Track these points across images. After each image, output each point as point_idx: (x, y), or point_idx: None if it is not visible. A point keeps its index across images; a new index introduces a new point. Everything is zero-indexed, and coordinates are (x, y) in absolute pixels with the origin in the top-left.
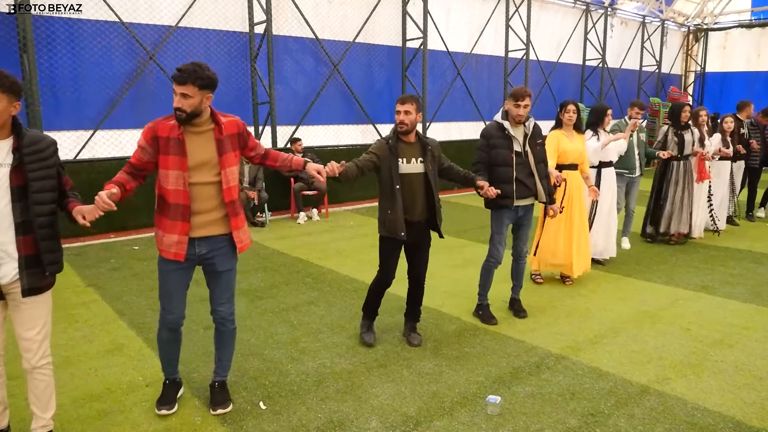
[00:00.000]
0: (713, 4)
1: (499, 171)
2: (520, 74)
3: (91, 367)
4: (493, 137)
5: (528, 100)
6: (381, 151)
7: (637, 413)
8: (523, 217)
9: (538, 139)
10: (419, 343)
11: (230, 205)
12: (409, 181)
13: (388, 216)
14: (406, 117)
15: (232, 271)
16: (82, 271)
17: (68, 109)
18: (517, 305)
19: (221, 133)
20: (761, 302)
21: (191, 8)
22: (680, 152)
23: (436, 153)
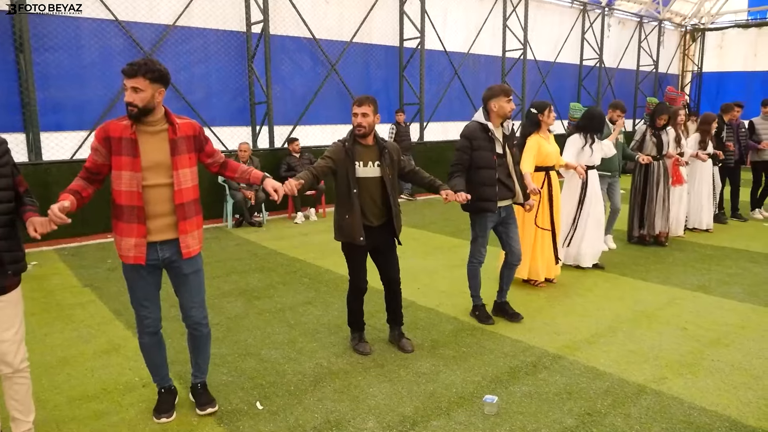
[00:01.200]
0: (710, 4)
1: (483, 173)
2: (517, 74)
3: (88, 367)
4: (476, 138)
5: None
6: (337, 155)
7: (634, 413)
8: (507, 216)
9: (513, 140)
10: (412, 348)
11: (179, 208)
12: (367, 185)
13: (346, 221)
14: (364, 119)
15: (199, 273)
16: (79, 271)
17: (66, 109)
18: (509, 308)
19: (175, 133)
20: (757, 302)
21: (189, 7)
22: (659, 152)
23: (395, 157)
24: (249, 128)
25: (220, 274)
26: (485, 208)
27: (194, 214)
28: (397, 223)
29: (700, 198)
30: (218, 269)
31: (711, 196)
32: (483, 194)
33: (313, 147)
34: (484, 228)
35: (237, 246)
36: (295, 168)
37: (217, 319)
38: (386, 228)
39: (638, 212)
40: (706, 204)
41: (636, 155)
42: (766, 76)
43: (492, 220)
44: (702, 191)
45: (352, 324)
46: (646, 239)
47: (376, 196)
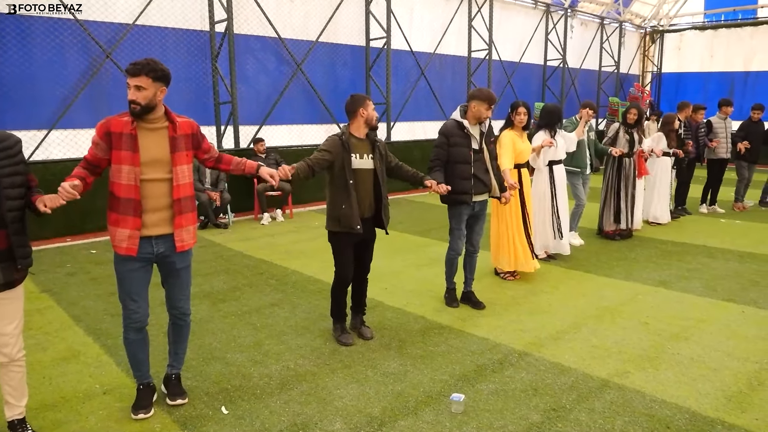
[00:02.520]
0: (668, 7)
1: (458, 168)
2: (483, 74)
3: (45, 375)
4: (453, 135)
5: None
6: (334, 147)
7: (598, 407)
8: (479, 211)
9: (491, 137)
10: (371, 335)
11: (176, 202)
12: (361, 176)
13: (343, 211)
14: (375, 113)
15: (189, 268)
16: (36, 276)
17: (20, 109)
18: (473, 296)
19: (175, 131)
20: (716, 296)
21: (148, 6)
22: (631, 149)
23: (383, 151)
24: (213, 128)
25: None
26: (461, 201)
27: (190, 209)
28: (385, 214)
29: (656, 192)
30: None
31: (667, 192)
32: (459, 187)
33: (280, 147)
34: (459, 220)
35: (202, 248)
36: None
37: None
38: (374, 219)
39: (614, 208)
40: (663, 199)
41: (608, 149)
42: (721, 76)
43: (467, 212)
44: (658, 186)
45: (336, 315)
46: (614, 234)
47: (368, 188)
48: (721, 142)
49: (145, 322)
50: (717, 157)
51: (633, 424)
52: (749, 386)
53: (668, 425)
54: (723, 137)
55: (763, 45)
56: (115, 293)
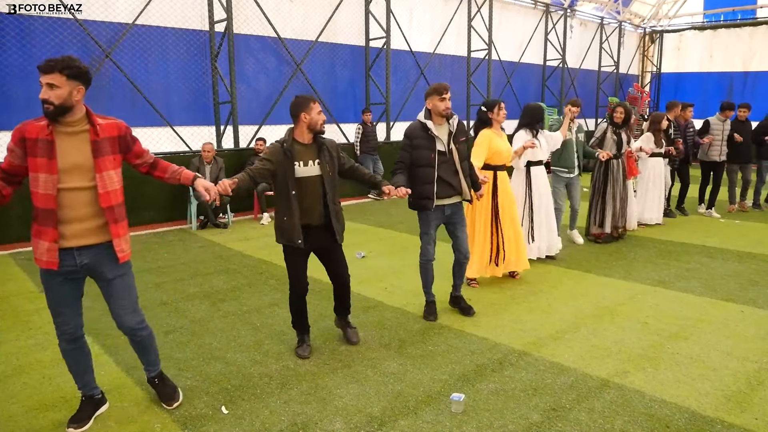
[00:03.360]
0: (667, 7)
1: (421, 171)
2: (482, 74)
3: (45, 375)
4: (416, 137)
5: (448, 94)
6: (275, 156)
7: (597, 407)
8: (453, 215)
9: (461, 136)
10: (358, 340)
11: (109, 211)
12: (306, 184)
13: (285, 223)
14: (321, 116)
15: (125, 276)
16: (36, 276)
17: (19, 109)
18: (462, 302)
19: (97, 134)
20: (714, 295)
21: (148, 6)
22: (618, 150)
23: (334, 153)
24: (213, 128)
25: (184, 276)
26: (422, 206)
27: (124, 217)
28: (336, 223)
29: (649, 194)
30: (182, 272)
31: (661, 194)
32: (421, 192)
33: None
34: (427, 225)
35: (201, 248)
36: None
37: (181, 322)
38: (327, 228)
39: (600, 209)
40: (656, 200)
41: (596, 152)
42: (720, 76)
43: (435, 217)
44: (651, 188)
45: (295, 326)
46: (600, 237)
47: (317, 196)
48: (715, 144)
49: (77, 333)
50: (709, 159)
51: (633, 424)
52: (748, 386)
53: (668, 425)
54: (719, 140)
55: (762, 45)
56: None
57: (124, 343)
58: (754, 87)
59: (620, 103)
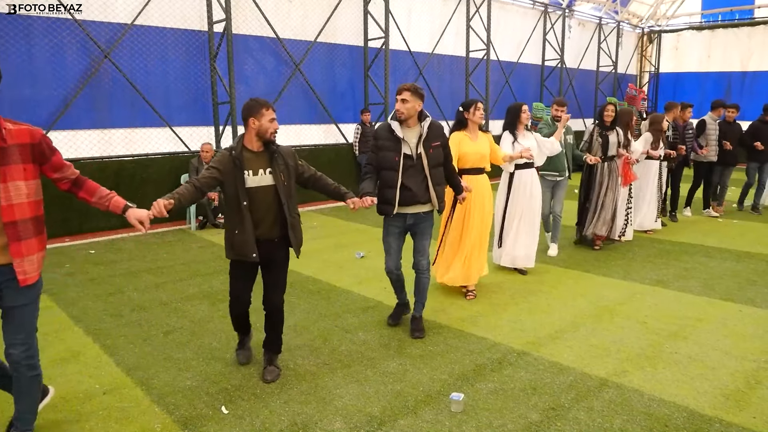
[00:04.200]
0: (666, 7)
1: (385, 175)
2: (481, 74)
3: (45, 375)
4: (381, 138)
5: (408, 95)
6: (223, 164)
7: (596, 406)
8: (415, 225)
9: (434, 140)
10: (273, 378)
11: (9, 226)
12: (259, 195)
13: (236, 237)
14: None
15: (27, 307)
16: None
17: (19, 109)
18: (415, 323)
19: (5, 140)
20: (713, 295)
21: (147, 6)
22: (604, 153)
23: (291, 162)
24: (212, 128)
25: (183, 277)
26: (382, 211)
27: (33, 234)
28: (294, 235)
29: (644, 200)
30: (182, 272)
31: (655, 199)
32: (383, 197)
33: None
34: (386, 232)
35: (200, 248)
36: None
37: (181, 322)
38: (282, 242)
39: (586, 214)
40: (650, 206)
41: (584, 156)
42: (718, 76)
43: (396, 225)
44: (646, 192)
45: (237, 329)
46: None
47: (271, 207)
48: (711, 144)
49: None
50: (706, 159)
51: (631, 423)
52: (747, 385)
53: (666, 424)
54: (713, 139)
55: (760, 45)
56: (115, 293)
57: (125, 343)
58: (752, 87)
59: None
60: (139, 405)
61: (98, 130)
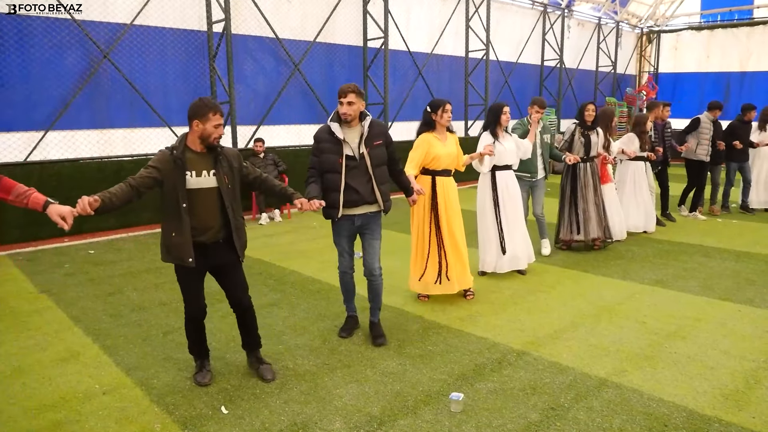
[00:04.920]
0: (665, 7)
1: (328, 178)
2: (480, 74)
3: (45, 375)
4: (322, 141)
5: (353, 96)
6: (163, 164)
7: (596, 406)
8: (363, 227)
9: (376, 139)
10: (273, 377)
11: None
12: (200, 197)
13: (173, 240)
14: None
15: None
16: (35, 277)
17: (18, 109)
18: (375, 329)
19: None
20: (712, 295)
21: (146, 6)
22: (587, 153)
23: (235, 163)
24: None
25: None
26: (328, 215)
27: None
28: (238, 238)
29: (632, 201)
30: None
31: (646, 199)
32: (327, 200)
33: (277, 147)
34: (337, 235)
35: None
36: (259, 168)
37: (180, 323)
38: (228, 245)
39: (568, 216)
40: (641, 207)
41: (563, 155)
42: (717, 76)
43: (345, 228)
44: (636, 193)
45: (192, 351)
46: (571, 244)
47: (213, 210)
48: (703, 143)
49: None
50: (697, 158)
51: (631, 423)
52: (746, 384)
53: (666, 423)
54: (707, 139)
55: (759, 45)
56: (114, 293)
57: (124, 343)
58: (751, 87)
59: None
60: (138, 405)
61: (97, 131)
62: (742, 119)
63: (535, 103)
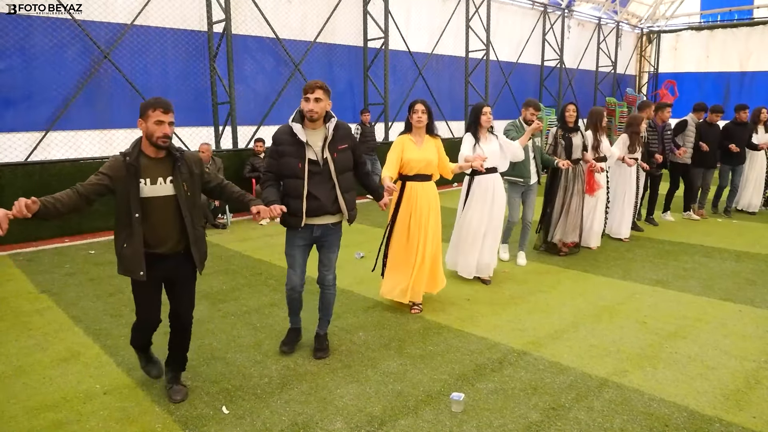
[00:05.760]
0: (665, 7)
1: (289, 184)
2: (480, 74)
3: (46, 375)
4: (282, 143)
5: (321, 93)
6: (115, 171)
7: (597, 406)
8: (322, 238)
9: (341, 143)
10: (182, 398)
11: None
12: (156, 206)
13: (124, 251)
14: (171, 129)
15: None
16: (35, 277)
17: (18, 109)
18: (319, 342)
19: None
20: (712, 295)
21: (147, 6)
22: (568, 156)
23: (196, 169)
24: (212, 128)
25: None
26: (288, 224)
27: None
28: (197, 250)
29: (621, 205)
30: None
31: (632, 204)
32: (288, 207)
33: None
34: (290, 245)
35: None
36: (259, 169)
37: None
38: (186, 256)
39: (552, 221)
40: (626, 212)
41: (553, 160)
42: (717, 76)
43: (302, 237)
44: (626, 198)
45: (135, 346)
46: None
47: (170, 219)
48: (688, 146)
49: None
50: (681, 161)
51: (631, 423)
52: (747, 385)
53: (666, 423)
54: (690, 141)
55: (759, 45)
56: (115, 293)
57: (125, 343)
58: (751, 87)
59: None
60: (139, 405)
61: (98, 131)
62: (737, 121)
63: (530, 105)
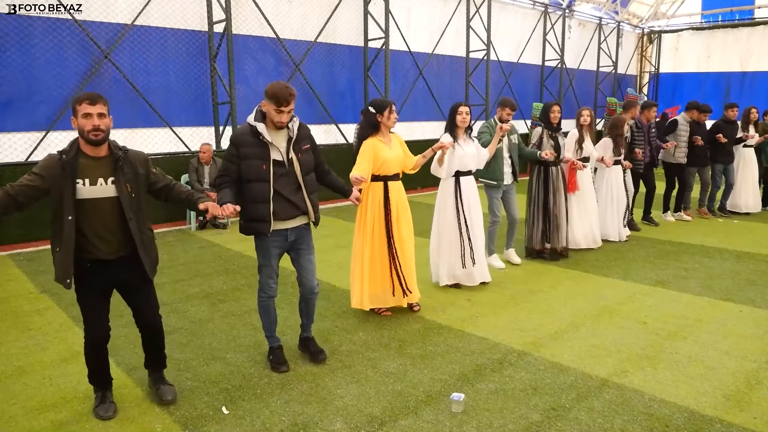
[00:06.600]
0: (666, 7)
1: (253, 188)
2: (481, 74)
3: (46, 376)
4: (244, 145)
5: (293, 101)
6: (48, 170)
7: (597, 406)
8: (297, 241)
9: (304, 143)
10: (173, 397)
11: None
12: (95, 208)
13: (56, 256)
14: (101, 121)
15: None
16: (35, 277)
17: (19, 110)
18: (312, 345)
19: None
20: (713, 295)
21: (147, 6)
22: (557, 156)
23: (141, 169)
24: (212, 129)
25: (184, 277)
26: (256, 230)
27: None
28: (145, 254)
29: (607, 207)
30: (182, 272)
31: (620, 205)
32: (254, 213)
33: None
34: (265, 254)
35: (201, 248)
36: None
37: (181, 323)
38: (135, 261)
39: (540, 224)
40: (615, 214)
41: (536, 152)
42: (717, 77)
43: (276, 245)
44: (610, 200)
45: (92, 381)
46: (544, 254)
47: (110, 223)
48: (682, 145)
49: None
50: (676, 161)
51: (632, 423)
52: (747, 385)
53: (667, 424)
54: (684, 140)
55: (759, 45)
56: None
57: (125, 343)
58: (752, 87)
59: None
60: (140, 405)
61: None
62: (726, 119)
63: (507, 105)
